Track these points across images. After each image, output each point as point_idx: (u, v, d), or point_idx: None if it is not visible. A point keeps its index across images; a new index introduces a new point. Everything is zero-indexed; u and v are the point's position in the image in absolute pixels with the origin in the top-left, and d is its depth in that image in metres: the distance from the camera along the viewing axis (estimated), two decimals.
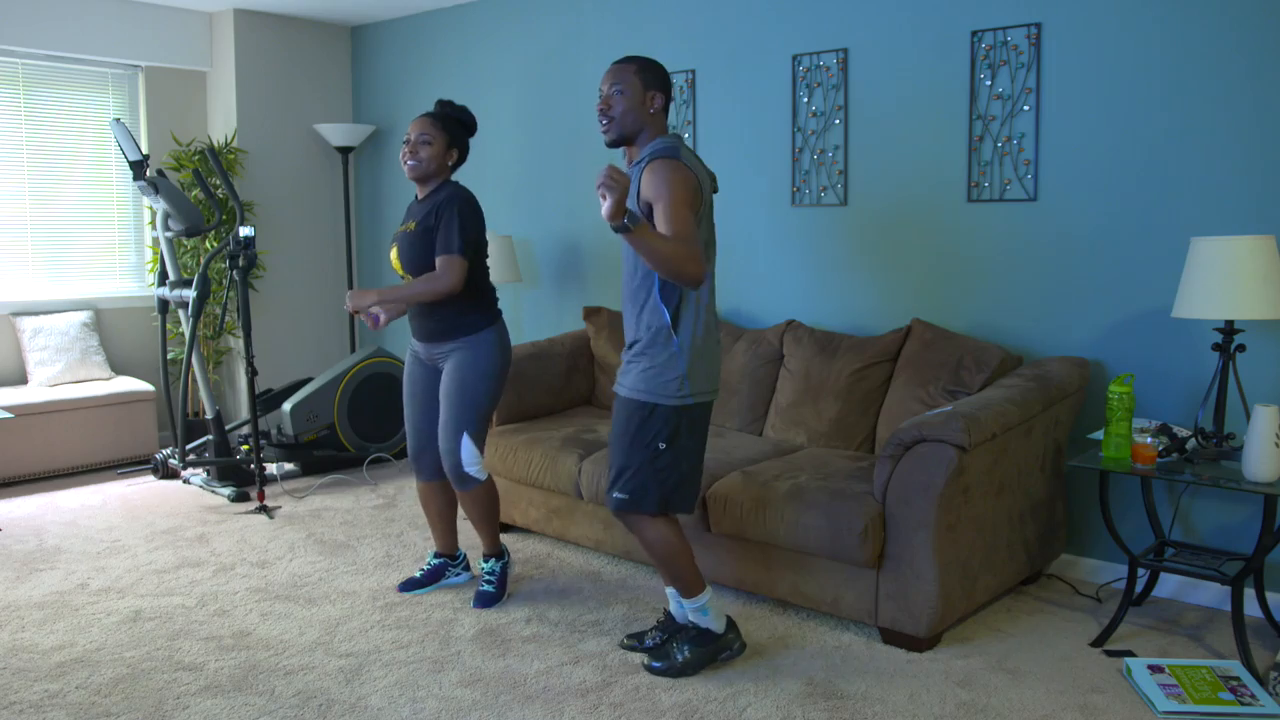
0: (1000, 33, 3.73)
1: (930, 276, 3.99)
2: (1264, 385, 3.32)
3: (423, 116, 3.31)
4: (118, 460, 5.36)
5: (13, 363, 5.42)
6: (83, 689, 2.84)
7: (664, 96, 2.82)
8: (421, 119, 3.30)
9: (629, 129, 2.78)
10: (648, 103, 2.79)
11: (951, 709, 2.72)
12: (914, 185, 4.00)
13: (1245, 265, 3.00)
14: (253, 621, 3.32)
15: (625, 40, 4.86)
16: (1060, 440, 3.52)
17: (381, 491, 4.93)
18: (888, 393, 3.72)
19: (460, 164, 3.38)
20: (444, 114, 3.34)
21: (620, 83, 2.77)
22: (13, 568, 3.84)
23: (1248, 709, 2.66)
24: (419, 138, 3.27)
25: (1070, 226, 3.65)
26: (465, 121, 3.38)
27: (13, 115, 5.38)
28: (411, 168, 3.29)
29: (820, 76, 4.20)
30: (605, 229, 5.01)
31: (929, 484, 2.96)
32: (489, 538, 3.49)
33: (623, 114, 2.77)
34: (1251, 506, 3.33)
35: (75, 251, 5.65)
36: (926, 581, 2.99)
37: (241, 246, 4.71)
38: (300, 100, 6.04)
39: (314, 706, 2.74)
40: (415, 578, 3.61)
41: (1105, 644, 3.11)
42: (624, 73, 2.79)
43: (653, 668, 2.92)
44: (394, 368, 5.42)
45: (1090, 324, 3.64)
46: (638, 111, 2.78)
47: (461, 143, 3.36)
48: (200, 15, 5.82)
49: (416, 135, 3.28)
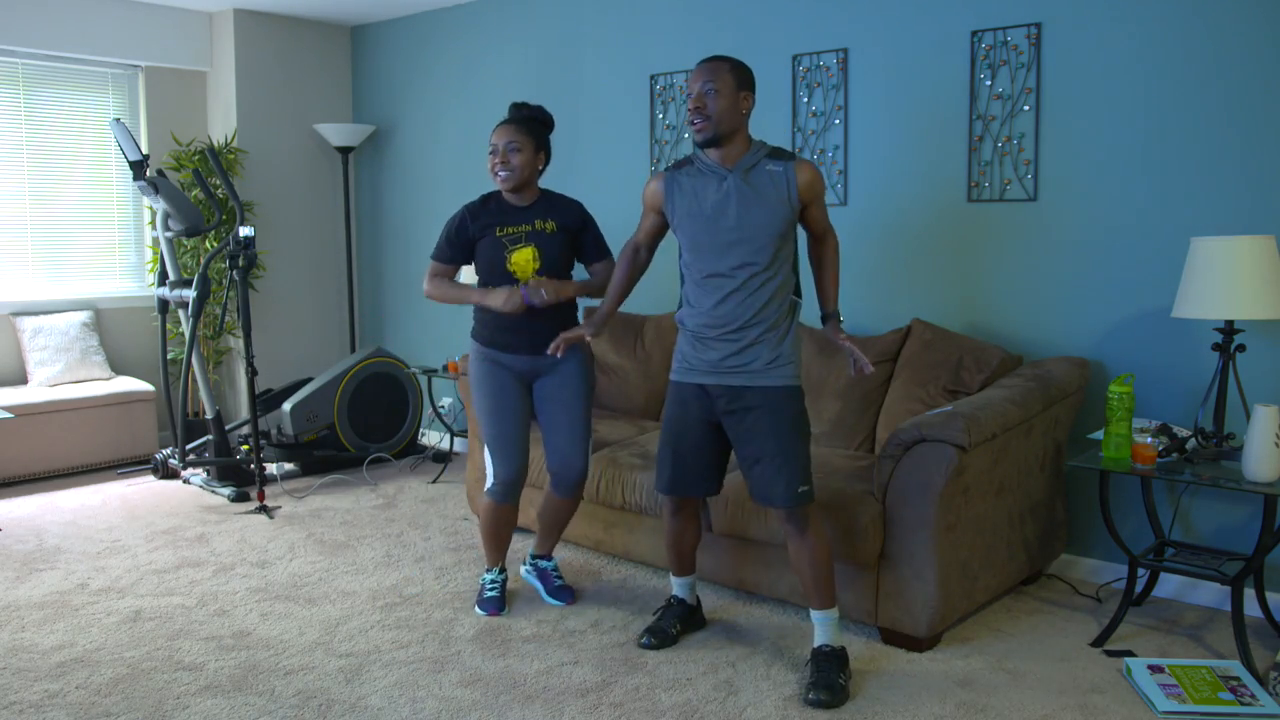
0: (1000, 33, 3.73)
1: (930, 276, 3.99)
2: (1264, 385, 3.32)
3: (506, 124, 3.20)
4: (118, 460, 5.36)
5: (13, 363, 5.42)
6: (83, 689, 2.84)
7: (753, 97, 2.82)
8: (505, 126, 3.19)
9: (724, 129, 2.76)
10: (741, 103, 2.78)
11: (951, 709, 2.72)
12: (914, 185, 4.00)
13: (1245, 265, 3.00)
14: (253, 621, 3.32)
15: (625, 40, 4.86)
16: (1060, 440, 3.52)
17: (381, 491, 4.93)
18: (888, 393, 3.72)
19: (548, 164, 3.32)
20: (525, 118, 3.25)
21: (714, 81, 2.74)
22: (13, 568, 3.84)
23: (1248, 709, 2.66)
24: (507, 145, 3.17)
25: (1070, 226, 3.65)
26: (545, 120, 3.29)
27: (13, 115, 5.38)
28: (505, 178, 3.19)
29: (820, 76, 4.20)
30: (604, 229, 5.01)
31: (929, 484, 2.96)
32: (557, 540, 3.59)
33: (719, 113, 2.74)
34: (1251, 506, 3.33)
35: (75, 251, 5.65)
36: (926, 581, 2.99)
37: (241, 246, 4.71)
38: (300, 100, 6.04)
39: (314, 706, 2.74)
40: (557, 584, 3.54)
41: (1105, 644, 3.11)
42: (718, 71, 2.76)
43: (818, 701, 2.69)
44: (394, 368, 5.42)
45: (1090, 324, 3.64)
46: (733, 111, 2.76)
47: (547, 143, 3.29)
48: (200, 15, 5.82)
49: (505, 144, 3.17)
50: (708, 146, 2.79)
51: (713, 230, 2.78)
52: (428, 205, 5.88)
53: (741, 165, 2.79)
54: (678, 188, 2.85)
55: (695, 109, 2.75)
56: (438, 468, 5.38)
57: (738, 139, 2.80)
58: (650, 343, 4.47)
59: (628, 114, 4.89)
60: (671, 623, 3.15)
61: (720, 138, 2.76)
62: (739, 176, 2.78)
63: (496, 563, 3.45)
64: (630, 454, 3.72)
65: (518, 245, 3.22)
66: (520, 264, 3.21)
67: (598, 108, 5.01)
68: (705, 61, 2.80)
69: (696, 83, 2.76)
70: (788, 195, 2.77)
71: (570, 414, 3.32)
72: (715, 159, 2.81)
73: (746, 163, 2.79)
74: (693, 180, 2.84)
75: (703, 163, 2.83)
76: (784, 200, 2.77)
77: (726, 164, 2.80)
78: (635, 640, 3.14)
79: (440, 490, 4.94)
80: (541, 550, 3.58)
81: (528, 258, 3.22)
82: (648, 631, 3.13)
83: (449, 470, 5.29)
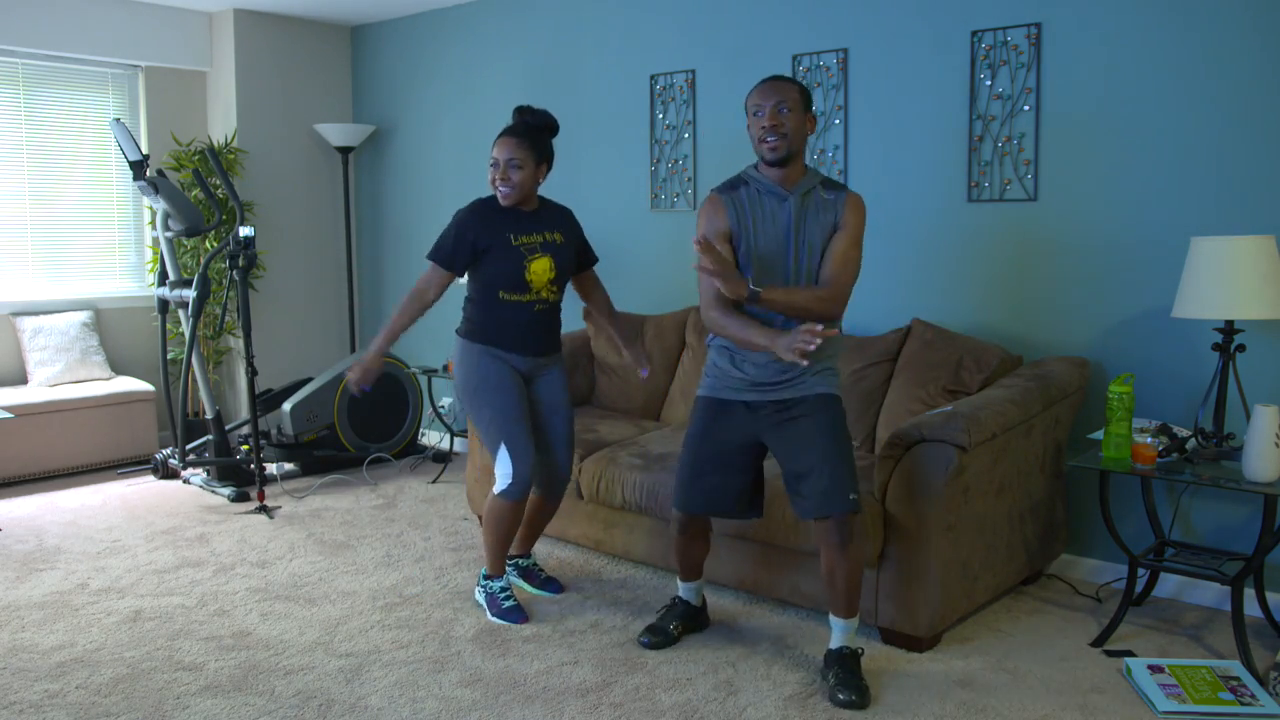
0: (1000, 33, 3.73)
1: (930, 276, 3.99)
2: (1264, 385, 3.32)
3: (507, 137, 3.16)
4: (118, 460, 5.36)
5: (13, 363, 5.42)
6: (83, 689, 2.84)
7: (815, 120, 2.84)
8: (506, 140, 3.15)
9: (795, 149, 2.76)
10: (807, 124, 2.78)
11: (951, 709, 2.72)
12: (914, 185, 4.00)
13: (1245, 265, 3.00)
14: (253, 621, 3.32)
15: (625, 40, 4.86)
16: (1060, 440, 3.52)
17: (381, 491, 4.93)
18: (888, 393, 3.72)
19: (550, 171, 3.29)
20: (527, 127, 3.20)
21: (787, 101, 2.73)
22: (13, 568, 3.84)
23: (1248, 709, 2.66)
24: (509, 162, 3.14)
25: (1070, 226, 3.65)
26: (550, 126, 3.26)
27: (13, 115, 5.38)
28: (506, 194, 3.17)
29: (820, 76, 4.20)
30: (605, 230, 5.02)
31: (929, 484, 2.96)
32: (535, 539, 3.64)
33: (793, 131, 2.74)
34: (1251, 506, 3.33)
35: (75, 251, 5.65)
36: (926, 581, 2.99)
37: (241, 246, 4.71)
38: (300, 100, 6.04)
39: (314, 706, 2.74)
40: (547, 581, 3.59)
41: (1105, 644, 3.11)
42: (789, 91, 2.75)
43: (850, 702, 2.70)
44: (394, 368, 5.42)
45: (1090, 324, 3.64)
46: (801, 131, 2.76)
47: (550, 154, 3.25)
48: (200, 15, 5.82)
49: (505, 159, 3.15)
50: (777, 166, 2.77)
51: (779, 248, 2.77)
52: (428, 205, 5.88)
53: (799, 189, 2.78)
54: (739, 206, 2.80)
55: (772, 126, 2.72)
56: (438, 468, 5.38)
57: (798, 162, 2.80)
58: (650, 343, 4.47)
59: (628, 114, 4.89)
60: (672, 623, 3.15)
61: (790, 157, 2.75)
62: (798, 199, 2.78)
63: (504, 569, 3.39)
64: (630, 454, 3.72)
65: (535, 255, 3.21)
66: (538, 273, 3.21)
67: (598, 108, 5.01)
68: (774, 80, 2.77)
69: (769, 101, 2.73)
70: (834, 222, 2.79)
71: (563, 419, 3.37)
72: (775, 179, 2.79)
73: (804, 186, 2.79)
74: (753, 199, 2.80)
75: (760, 183, 2.80)
76: (831, 225, 2.80)
77: (786, 185, 2.79)
78: (635, 638, 3.14)
79: (440, 490, 4.94)
80: (520, 550, 3.60)
81: (545, 267, 3.22)
82: (648, 630, 3.13)
83: (449, 470, 5.29)
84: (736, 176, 2.86)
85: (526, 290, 3.21)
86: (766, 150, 2.75)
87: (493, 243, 3.19)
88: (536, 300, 3.24)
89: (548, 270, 3.22)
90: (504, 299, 3.22)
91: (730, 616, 3.34)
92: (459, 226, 3.22)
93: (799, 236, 2.77)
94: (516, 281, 3.20)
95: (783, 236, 2.77)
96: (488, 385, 3.23)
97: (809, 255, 2.79)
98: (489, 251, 3.20)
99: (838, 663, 2.82)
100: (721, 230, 2.80)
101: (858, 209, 2.80)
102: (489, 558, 3.37)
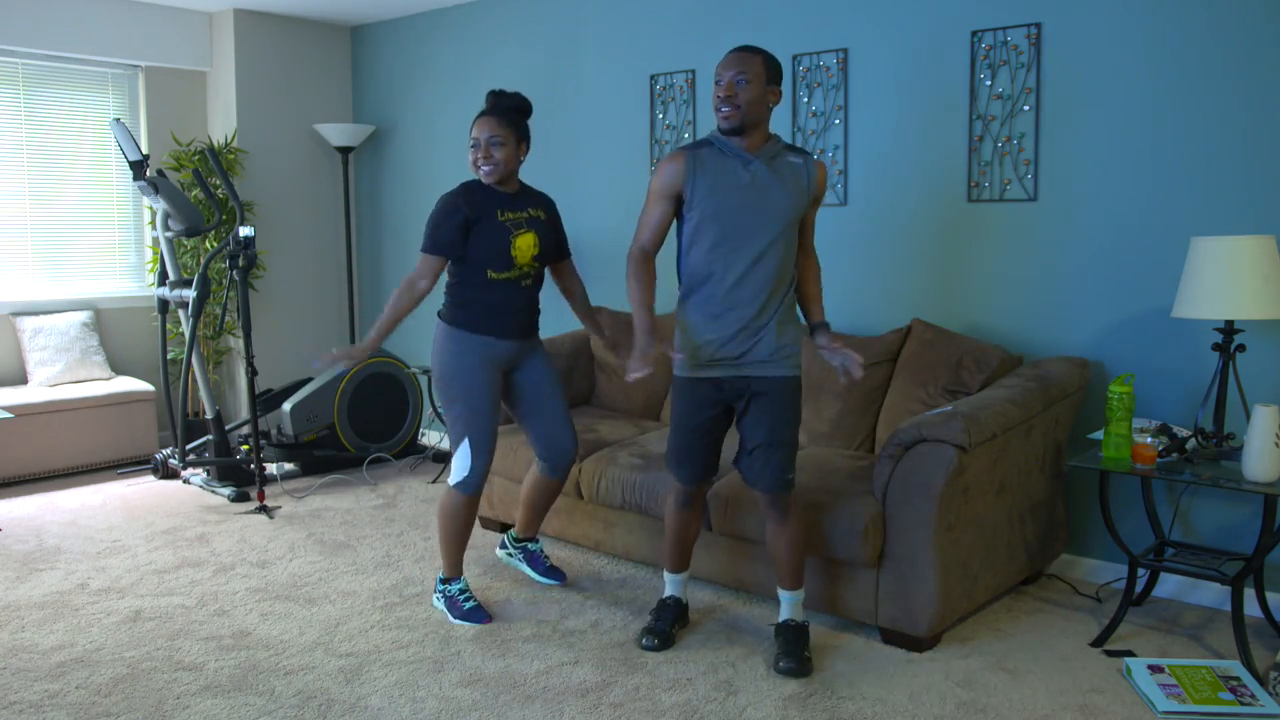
0: (1000, 33, 3.73)
1: (930, 276, 3.99)
2: (1264, 385, 3.32)
3: (487, 116, 3.17)
4: (118, 460, 5.36)
5: (13, 363, 5.42)
6: (83, 689, 2.84)
7: (780, 93, 2.86)
8: (487, 119, 3.16)
9: (751, 119, 2.79)
10: (769, 96, 2.81)
11: (951, 709, 2.72)
12: (914, 185, 4.00)
13: (1245, 265, 3.00)
14: (253, 621, 3.32)
15: (626, 40, 4.86)
16: (1060, 440, 3.52)
17: (381, 491, 4.93)
18: (888, 393, 3.72)
19: (528, 152, 3.30)
20: (505, 108, 3.22)
21: (746, 71, 2.77)
22: (13, 568, 3.84)
23: (1248, 709, 2.66)
24: (489, 140, 3.15)
25: (1070, 226, 3.65)
26: (525, 108, 3.28)
27: (13, 115, 5.38)
28: (489, 172, 3.18)
29: (820, 76, 4.20)
30: (605, 230, 5.02)
31: (929, 484, 2.96)
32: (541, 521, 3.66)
33: (749, 103, 2.77)
34: (1251, 506, 3.33)
35: (75, 251, 5.65)
36: (926, 581, 2.99)
37: (241, 246, 4.71)
38: (300, 100, 6.04)
39: (314, 706, 2.74)
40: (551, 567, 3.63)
41: (1105, 644, 3.11)
42: (750, 61, 2.78)
43: (789, 670, 2.90)
44: (394, 368, 5.42)
45: (1090, 324, 3.64)
46: (760, 103, 2.79)
47: (528, 134, 3.27)
48: (200, 15, 5.82)
49: (486, 137, 3.15)
50: (731, 135, 2.82)
51: (743, 209, 2.81)
52: (428, 205, 5.82)
53: (765, 153, 2.84)
54: (700, 165, 2.84)
55: (726, 97, 2.77)
56: (438, 468, 5.38)
57: (759, 130, 2.84)
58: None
59: (628, 114, 4.89)
60: (671, 623, 3.15)
61: (745, 127, 2.80)
62: (764, 162, 2.83)
63: (461, 570, 3.40)
64: (630, 454, 3.72)
65: (520, 230, 3.22)
66: (523, 249, 3.22)
67: (598, 108, 5.01)
68: (738, 50, 2.82)
69: (728, 71, 2.78)
70: (806, 187, 2.87)
71: (555, 396, 3.39)
72: (738, 145, 2.84)
73: (769, 152, 2.85)
74: (716, 160, 2.85)
75: (725, 145, 2.85)
76: (803, 191, 2.87)
77: (750, 151, 2.84)
78: (635, 641, 3.14)
79: (440, 490, 4.94)
80: (528, 533, 3.60)
81: (530, 243, 3.23)
82: (648, 633, 3.12)
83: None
84: (704, 138, 2.92)
85: (512, 266, 3.21)
86: (721, 119, 2.81)
87: (481, 216, 3.19)
88: (522, 276, 3.25)
89: (532, 246, 3.23)
90: (492, 279, 3.20)
91: (730, 616, 3.34)
92: (446, 207, 3.21)
93: (765, 197, 2.82)
94: (503, 257, 3.20)
95: (746, 197, 2.82)
96: (464, 378, 3.23)
97: (779, 213, 2.83)
98: (478, 225, 3.18)
99: (783, 633, 3.00)
100: (673, 186, 2.87)
101: (824, 175, 2.93)
102: (445, 559, 3.37)
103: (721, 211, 2.82)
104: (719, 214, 2.82)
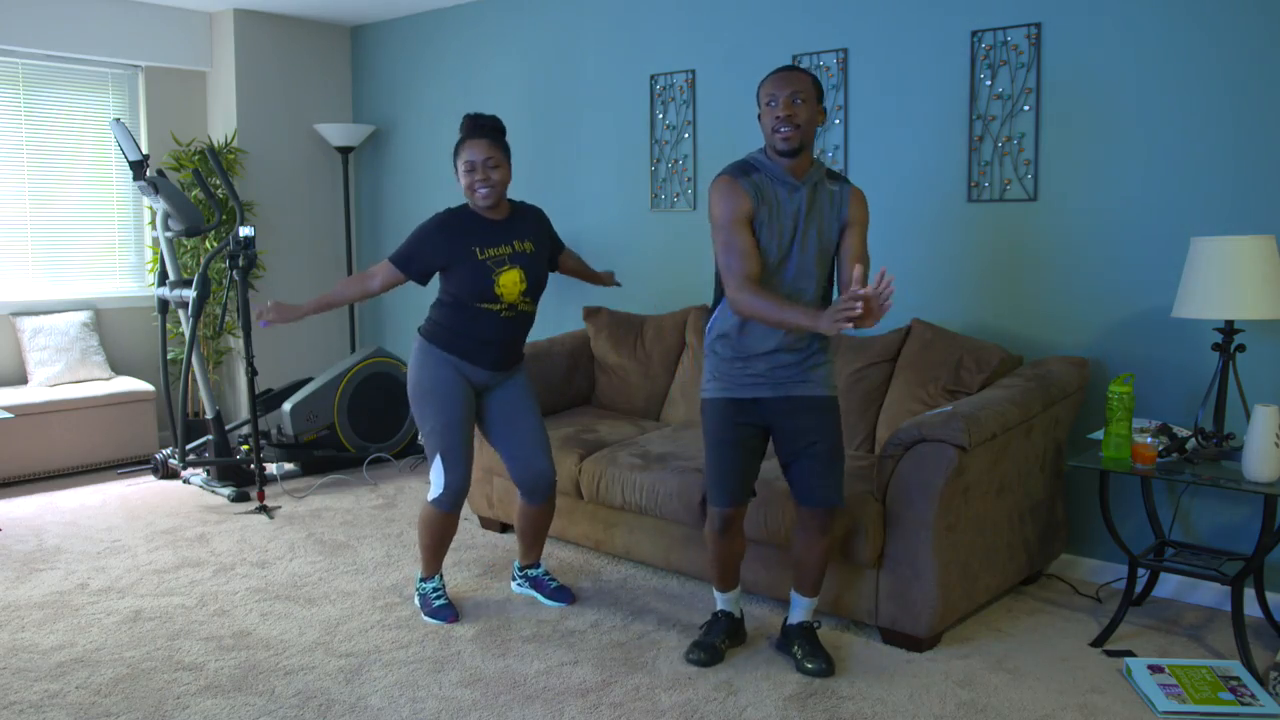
0: (1000, 33, 3.73)
1: (930, 276, 3.99)
2: (1264, 385, 3.32)
3: (480, 139, 3.11)
4: (118, 460, 5.36)
5: (13, 363, 5.42)
6: (83, 689, 2.84)
7: (825, 112, 2.83)
8: (478, 142, 3.11)
9: (808, 140, 2.75)
10: (818, 117, 2.78)
11: (951, 709, 2.72)
12: (914, 185, 4.00)
13: (1245, 265, 3.00)
14: (253, 621, 3.32)
15: (626, 40, 4.86)
16: (1060, 440, 3.52)
17: (381, 491, 4.93)
18: (888, 393, 3.72)
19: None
20: (491, 129, 3.16)
21: (801, 92, 2.72)
22: (13, 568, 3.84)
23: (1248, 709, 2.66)
24: (486, 161, 3.10)
25: (1070, 226, 3.65)
26: (502, 129, 3.23)
27: (13, 115, 5.38)
28: (486, 194, 3.12)
29: (820, 76, 4.20)
30: (605, 230, 5.02)
31: (929, 484, 2.96)
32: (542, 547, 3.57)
33: (807, 123, 2.73)
34: (1251, 506, 3.33)
35: (75, 251, 5.65)
36: (926, 581, 2.99)
37: (241, 246, 4.71)
38: (300, 100, 6.04)
39: (314, 706, 2.74)
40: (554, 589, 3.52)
41: (1105, 644, 3.11)
42: (803, 80, 2.74)
43: (820, 670, 2.90)
44: (394, 368, 5.42)
45: (1090, 324, 3.64)
46: (813, 123, 2.76)
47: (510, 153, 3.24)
48: (200, 15, 5.82)
49: (482, 159, 3.10)
50: (789, 156, 2.75)
51: (788, 239, 2.77)
52: (428, 205, 5.87)
53: (810, 179, 2.79)
54: (759, 193, 2.77)
55: (786, 116, 2.70)
56: None
57: (808, 153, 2.79)
58: (650, 343, 4.47)
59: (628, 114, 4.89)
60: (720, 638, 3.05)
61: (803, 148, 2.74)
62: (809, 189, 2.78)
63: (437, 570, 3.40)
64: (630, 454, 3.72)
65: (504, 268, 3.16)
66: (508, 286, 3.16)
67: (598, 108, 5.01)
68: (786, 70, 2.76)
69: (784, 90, 2.71)
70: (838, 215, 2.82)
71: (530, 421, 3.33)
72: (785, 168, 2.77)
73: (813, 177, 2.80)
74: (767, 186, 2.78)
75: (771, 170, 2.78)
76: (835, 220, 2.82)
77: (797, 175, 2.78)
78: (684, 657, 3.03)
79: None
80: (528, 561, 3.54)
81: (515, 279, 3.17)
82: (696, 647, 3.02)
83: None
84: (744, 162, 2.82)
85: (500, 301, 3.18)
86: (780, 141, 2.72)
87: (454, 260, 3.14)
88: (509, 308, 3.20)
89: (518, 282, 3.17)
90: (481, 308, 3.18)
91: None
92: (421, 240, 3.18)
93: (807, 226, 2.78)
94: (488, 295, 3.16)
95: (791, 226, 2.78)
96: (438, 394, 3.21)
97: (815, 244, 2.79)
98: (450, 269, 3.16)
99: (801, 635, 2.99)
100: (745, 210, 2.74)
101: (865, 204, 2.86)
102: (422, 560, 3.40)
103: (771, 241, 2.77)
104: (769, 243, 2.77)
